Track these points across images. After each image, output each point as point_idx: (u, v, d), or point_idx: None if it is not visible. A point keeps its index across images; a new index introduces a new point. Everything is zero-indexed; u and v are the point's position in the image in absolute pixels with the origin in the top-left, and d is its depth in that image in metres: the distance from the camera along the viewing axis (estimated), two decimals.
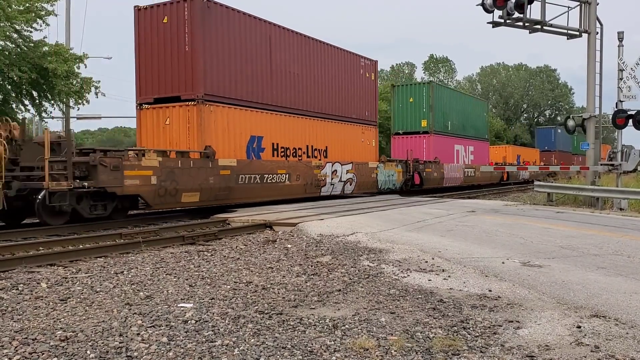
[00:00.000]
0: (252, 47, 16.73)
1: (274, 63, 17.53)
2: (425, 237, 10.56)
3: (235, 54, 16.10)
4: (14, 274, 7.55)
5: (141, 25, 15.92)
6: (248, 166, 16.21)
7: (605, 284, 6.68)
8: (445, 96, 29.73)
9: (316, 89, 19.58)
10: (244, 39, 16.44)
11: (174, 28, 15.26)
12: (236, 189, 15.79)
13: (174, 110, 15.37)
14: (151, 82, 15.74)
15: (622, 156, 19.48)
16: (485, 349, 4.48)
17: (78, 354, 4.35)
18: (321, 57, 19.95)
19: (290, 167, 18.04)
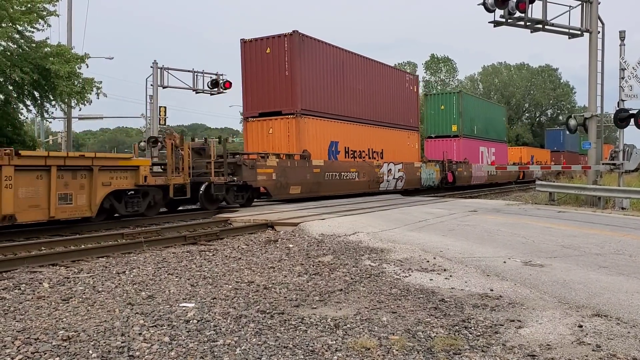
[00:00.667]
0: (331, 70, 21.00)
1: (345, 82, 21.76)
2: (426, 237, 10.56)
3: (320, 76, 20.31)
4: (16, 274, 7.57)
5: (246, 54, 20.04)
6: (331, 166, 20.33)
7: (606, 283, 6.67)
8: (472, 103, 33.62)
9: (374, 101, 23.59)
10: (326, 63, 20.71)
11: (276, 57, 19.35)
12: (323, 184, 19.91)
13: (276, 122, 19.55)
14: (256, 100, 19.87)
15: (624, 155, 19.44)
16: (486, 348, 4.48)
17: (80, 354, 4.36)
18: (377, 75, 24.10)
19: (358, 166, 22.09)
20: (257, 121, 20.00)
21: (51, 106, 21.38)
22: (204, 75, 30.06)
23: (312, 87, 19.77)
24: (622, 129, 19.48)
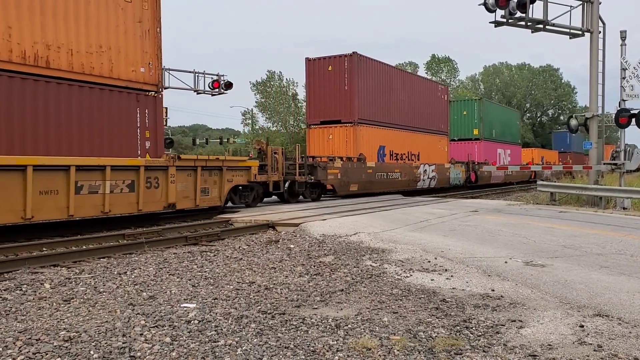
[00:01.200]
0: (381, 84, 24.22)
1: (391, 94, 25.04)
2: (427, 237, 10.56)
3: (372, 89, 23.51)
4: (18, 274, 7.57)
5: (310, 71, 23.35)
6: (380, 167, 23.68)
7: (608, 283, 6.67)
8: (491, 109, 36.96)
9: (412, 109, 26.76)
10: (377, 79, 23.93)
11: (336, 74, 22.46)
12: (374, 183, 23.28)
13: (336, 130, 22.84)
14: (318, 110, 23.11)
15: (625, 155, 19.42)
16: (488, 348, 4.48)
17: (81, 354, 4.36)
18: (415, 86, 27.40)
19: (401, 167, 25.49)
20: (319, 128, 23.36)
21: None
22: (205, 75, 30.11)
23: (366, 99, 23.06)
24: (623, 129, 19.46)
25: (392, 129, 25.06)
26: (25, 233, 11.35)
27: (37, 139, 11.45)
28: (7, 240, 10.55)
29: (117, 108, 13.08)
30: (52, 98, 11.73)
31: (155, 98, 14.03)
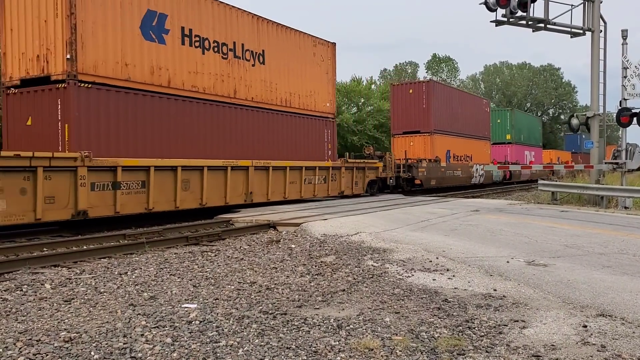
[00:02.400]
0: (447, 101, 30.23)
1: (453, 108, 30.72)
2: (429, 237, 10.53)
3: (441, 105, 29.30)
4: (18, 275, 7.55)
5: (395, 93, 29.96)
6: (449, 166, 29.58)
7: (611, 283, 6.64)
8: (520, 117, 43.81)
9: (466, 120, 32.24)
10: (444, 97, 30.05)
11: (416, 95, 28.74)
12: (445, 178, 29.22)
13: (415, 138, 28.83)
14: (401, 122, 29.28)
15: (627, 154, 19.39)
16: (490, 348, 4.46)
17: (82, 355, 4.34)
18: (467, 101, 33.46)
19: (461, 167, 31.32)
20: (401, 137, 29.36)
21: None
22: None
23: (437, 113, 28.80)
24: (625, 128, 19.43)
25: (454, 136, 30.94)
26: (26, 234, 11.31)
27: (276, 150, 18.01)
28: (8, 240, 10.53)
29: (315, 129, 20.25)
30: (290, 125, 18.89)
31: (333, 122, 21.34)
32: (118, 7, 12.89)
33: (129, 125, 13.19)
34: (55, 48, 12.10)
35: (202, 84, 15.23)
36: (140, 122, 13.48)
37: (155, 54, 13.88)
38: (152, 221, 13.79)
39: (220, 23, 15.90)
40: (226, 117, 16.04)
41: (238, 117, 16.50)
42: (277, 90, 18.10)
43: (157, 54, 13.92)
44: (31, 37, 12.40)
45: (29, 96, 12.59)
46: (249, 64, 16.98)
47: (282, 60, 18.41)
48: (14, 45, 12.72)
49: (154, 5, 13.78)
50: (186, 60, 14.73)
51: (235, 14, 16.55)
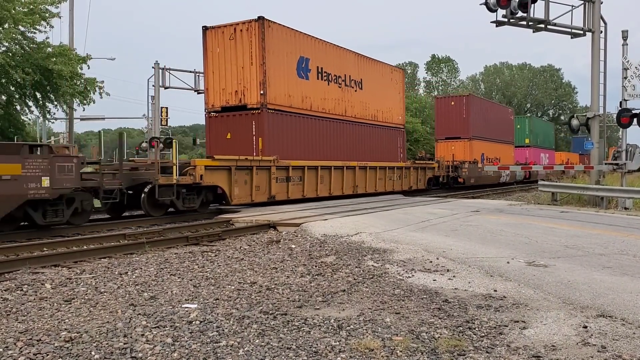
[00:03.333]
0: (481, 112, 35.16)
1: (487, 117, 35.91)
2: (429, 237, 10.53)
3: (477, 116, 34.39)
4: (19, 274, 7.55)
5: (439, 105, 35.73)
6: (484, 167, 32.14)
7: (611, 284, 6.64)
8: (536, 122, 49.28)
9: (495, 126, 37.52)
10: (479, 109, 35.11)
11: (457, 106, 33.85)
12: (481, 178, 33.15)
13: (456, 143, 33.79)
14: (444, 129, 34.34)
15: (627, 155, 19.39)
16: (491, 349, 4.46)
17: (82, 355, 4.34)
18: (496, 110, 39.27)
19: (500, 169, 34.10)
20: (444, 142, 34.40)
21: (53, 107, 21.42)
22: None
23: (474, 122, 33.83)
24: (625, 129, 19.43)
25: (487, 141, 35.80)
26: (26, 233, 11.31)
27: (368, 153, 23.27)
28: (8, 240, 10.53)
29: (392, 137, 25.72)
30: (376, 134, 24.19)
31: (403, 131, 26.92)
32: (284, 56, 18.46)
33: (291, 137, 18.80)
34: (250, 86, 17.64)
35: (327, 107, 20.87)
36: (298, 134, 19.24)
37: (304, 87, 19.49)
38: (153, 221, 13.80)
39: (337, 61, 21.54)
40: (339, 130, 21.71)
41: (346, 130, 22.10)
42: (369, 108, 23.79)
43: (304, 88, 19.52)
44: (230, 78, 18.03)
45: (227, 119, 18.26)
46: (352, 90, 22.58)
47: (372, 85, 23.97)
48: (215, 83, 18.35)
49: (302, 52, 19.41)
50: (319, 91, 20.42)
51: (345, 53, 22.16)
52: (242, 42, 17.68)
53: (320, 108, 20.34)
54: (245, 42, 17.64)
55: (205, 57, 18.49)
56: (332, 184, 20.19)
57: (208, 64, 18.48)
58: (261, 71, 17.32)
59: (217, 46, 18.25)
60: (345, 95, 21.96)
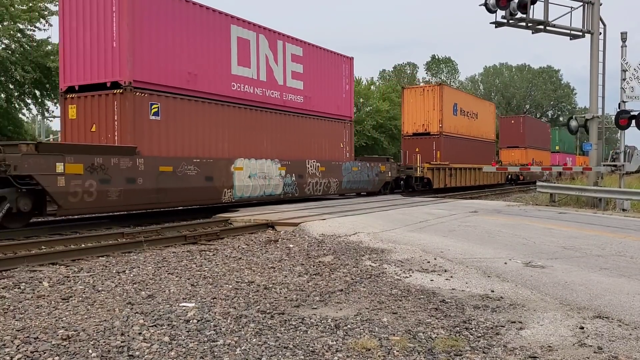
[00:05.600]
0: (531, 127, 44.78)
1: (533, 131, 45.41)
2: (427, 238, 10.54)
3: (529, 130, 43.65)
4: (16, 272, 7.55)
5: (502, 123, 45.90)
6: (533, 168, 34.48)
7: (608, 285, 6.66)
8: (563, 133, 54.31)
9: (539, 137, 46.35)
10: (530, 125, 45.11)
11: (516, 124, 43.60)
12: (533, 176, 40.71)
13: (516, 150, 42.43)
14: (506, 140, 43.32)
15: (625, 157, 19.42)
16: (487, 349, 4.47)
17: (80, 353, 4.34)
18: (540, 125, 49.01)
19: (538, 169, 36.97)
20: (506, 150, 43.17)
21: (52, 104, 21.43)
22: None
23: (528, 135, 42.80)
24: (623, 131, 19.46)
25: (535, 149, 44.20)
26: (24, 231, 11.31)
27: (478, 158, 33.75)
28: (6, 238, 10.53)
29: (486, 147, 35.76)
30: (475, 146, 33.89)
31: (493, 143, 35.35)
32: (449, 103, 29.80)
33: (452, 150, 29.83)
34: (432, 121, 28.88)
35: (464, 131, 31.75)
36: (454, 149, 30.02)
37: (455, 121, 30.51)
38: (152, 219, 13.79)
39: (466, 103, 32.57)
40: (469, 144, 32.49)
41: (469, 145, 32.41)
42: (480, 130, 34.36)
43: (455, 121, 30.44)
44: (419, 116, 29.34)
45: (416, 140, 29.36)
46: (473, 119, 33.26)
47: (481, 115, 34.49)
48: (409, 119, 29.80)
49: (455, 100, 30.81)
50: (459, 121, 31.14)
51: (470, 97, 35.46)
52: (428, 96, 29.18)
53: (462, 132, 31.48)
54: (429, 96, 29.11)
55: (403, 104, 30.33)
56: (466, 178, 31.95)
57: (404, 108, 30.14)
58: (439, 113, 28.86)
59: (411, 98, 29.86)
60: (471, 123, 33.09)
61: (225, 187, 15.44)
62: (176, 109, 14.32)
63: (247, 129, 16.68)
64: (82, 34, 13.59)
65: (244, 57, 16.56)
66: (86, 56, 13.59)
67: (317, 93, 20.04)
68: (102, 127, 13.42)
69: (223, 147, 15.74)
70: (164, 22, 13.99)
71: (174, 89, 14.23)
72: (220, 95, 15.67)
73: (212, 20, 15.46)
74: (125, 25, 13.03)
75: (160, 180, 13.26)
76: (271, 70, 17.70)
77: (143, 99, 13.43)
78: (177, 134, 14.32)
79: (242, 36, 16.49)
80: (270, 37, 17.70)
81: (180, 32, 14.43)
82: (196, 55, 14.91)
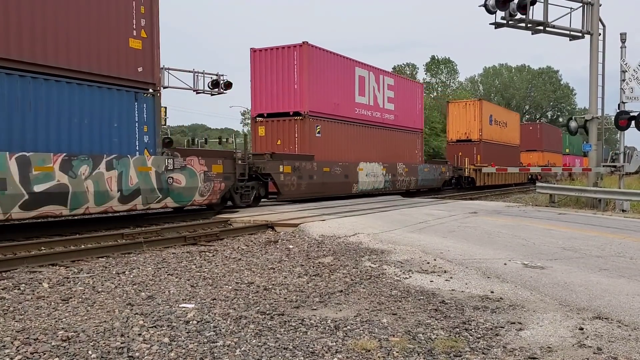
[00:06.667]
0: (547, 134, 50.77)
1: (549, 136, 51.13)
2: (427, 238, 10.54)
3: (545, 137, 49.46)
4: (16, 273, 7.55)
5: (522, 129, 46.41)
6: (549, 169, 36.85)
7: (607, 286, 6.66)
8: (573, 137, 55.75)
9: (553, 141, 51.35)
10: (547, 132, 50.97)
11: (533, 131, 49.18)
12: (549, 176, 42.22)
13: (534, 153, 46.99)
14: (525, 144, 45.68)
15: (625, 158, 19.43)
16: (487, 350, 4.47)
17: (80, 354, 4.34)
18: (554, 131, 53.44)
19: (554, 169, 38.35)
20: (525, 153, 45.54)
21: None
22: (205, 75, 30.11)
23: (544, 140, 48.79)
24: (623, 131, 19.47)
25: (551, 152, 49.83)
26: (24, 232, 11.31)
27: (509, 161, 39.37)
28: (6, 239, 10.53)
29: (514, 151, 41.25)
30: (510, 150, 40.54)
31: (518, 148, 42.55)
32: (486, 115, 34.22)
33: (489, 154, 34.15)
34: (473, 129, 33.61)
35: (496, 137, 36.14)
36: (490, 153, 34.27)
37: (491, 129, 34.89)
38: (151, 220, 13.79)
39: (498, 114, 37.34)
40: (500, 149, 36.68)
41: (500, 149, 36.66)
42: (508, 136, 38.82)
43: (490, 130, 34.82)
44: (462, 126, 34.02)
45: (460, 145, 33.94)
46: (504, 127, 37.78)
47: (509, 124, 38.93)
48: (453, 128, 34.52)
49: (491, 111, 35.38)
50: (492, 130, 35.37)
51: (501, 109, 41.41)
52: (469, 109, 33.95)
53: (495, 139, 36.01)
54: (471, 109, 33.89)
55: (448, 116, 35.31)
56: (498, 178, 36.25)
57: (449, 119, 34.97)
58: (479, 123, 33.62)
59: (455, 110, 34.51)
60: (503, 131, 37.57)
61: (354, 182, 21.96)
62: (328, 129, 20.85)
63: (364, 140, 23.21)
64: (269, 79, 20.20)
65: (361, 88, 23.13)
66: (273, 94, 20.15)
67: (402, 112, 26.39)
68: (285, 142, 19.98)
69: (352, 154, 22.15)
70: (322, 69, 20.46)
71: (327, 114, 20.80)
72: (349, 117, 22.27)
73: (345, 64, 22.09)
74: (304, 74, 19.62)
75: (324, 176, 19.94)
76: (376, 97, 24.18)
77: (312, 122, 20.00)
78: (329, 146, 20.78)
79: (360, 74, 23.10)
80: (375, 72, 24.32)
81: (329, 75, 20.90)
82: (337, 90, 21.34)
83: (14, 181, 9.91)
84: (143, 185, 12.30)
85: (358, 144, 22.67)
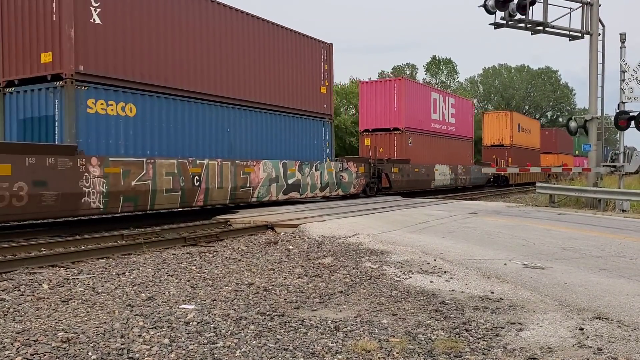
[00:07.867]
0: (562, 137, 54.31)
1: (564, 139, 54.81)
2: (427, 239, 10.55)
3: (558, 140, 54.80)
4: (16, 275, 7.55)
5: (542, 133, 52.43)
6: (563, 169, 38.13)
7: (607, 286, 6.66)
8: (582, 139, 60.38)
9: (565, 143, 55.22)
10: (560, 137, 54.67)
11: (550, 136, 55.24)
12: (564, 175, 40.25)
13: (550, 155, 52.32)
14: (543, 146, 50.32)
15: (625, 158, 19.43)
16: (487, 351, 4.47)
17: (80, 355, 4.34)
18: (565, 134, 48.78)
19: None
20: (543, 154, 49.05)
21: None
22: None
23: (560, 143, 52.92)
24: (623, 132, 19.48)
25: (564, 154, 53.93)
26: (24, 233, 11.31)
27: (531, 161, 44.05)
28: (6, 240, 10.53)
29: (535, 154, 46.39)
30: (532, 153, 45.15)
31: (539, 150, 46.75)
32: (515, 124, 40.61)
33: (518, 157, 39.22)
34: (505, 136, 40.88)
35: (523, 143, 41.61)
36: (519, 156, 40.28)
37: (519, 136, 40.97)
38: (152, 221, 13.79)
39: (524, 121, 43.08)
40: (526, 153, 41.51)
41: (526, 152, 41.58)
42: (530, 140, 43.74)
43: (519, 136, 40.90)
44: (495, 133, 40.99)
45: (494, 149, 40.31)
46: (528, 133, 42.82)
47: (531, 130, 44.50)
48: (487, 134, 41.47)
49: (519, 121, 41.70)
50: (521, 136, 41.29)
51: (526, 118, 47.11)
52: (502, 119, 40.33)
53: (522, 143, 41.47)
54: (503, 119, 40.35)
55: (484, 124, 41.30)
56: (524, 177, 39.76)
57: (485, 127, 41.03)
58: (510, 130, 39.61)
59: (489, 120, 41.05)
60: (527, 136, 42.84)
61: (432, 180, 29.01)
62: (416, 139, 27.66)
63: (437, 147, 29.97)
64: (373, 103, 27.34)
65: (435, 108, 30.03)
66: (376, 114, 27.22)
67: (460, 123, 33.13)
68: (386, 150, 26.65)
69: (430, 158, 28.94)
70: (411, 95, 27.48)
71: (415, 129, 27.71)
72: (428, 130, 29.17)
73: (425, 90, 29.99)
74: (402, 100, 26.76)
75: (415, 175, 26.87)
76: (444, 114, 31.08)
77: (407, 135, 26.81)
78: (416, 152, 27.41)
79: (434, 97, 30.21)
80: (443, 95, 32.04)
81: (415, 99, 27.84)
82: (420, 109, 28.28)
83: (281, 177, 17.16)
84: (330, 180, 19.61)
85: (433, 150, 29.49)
